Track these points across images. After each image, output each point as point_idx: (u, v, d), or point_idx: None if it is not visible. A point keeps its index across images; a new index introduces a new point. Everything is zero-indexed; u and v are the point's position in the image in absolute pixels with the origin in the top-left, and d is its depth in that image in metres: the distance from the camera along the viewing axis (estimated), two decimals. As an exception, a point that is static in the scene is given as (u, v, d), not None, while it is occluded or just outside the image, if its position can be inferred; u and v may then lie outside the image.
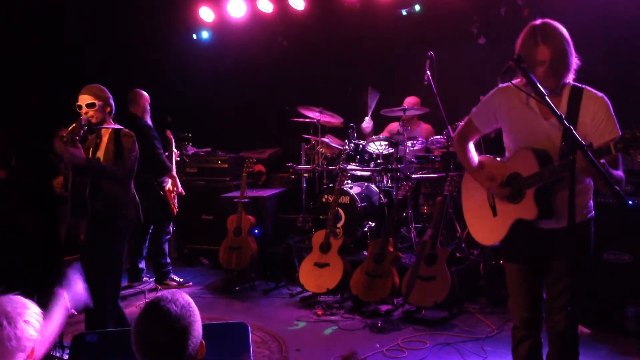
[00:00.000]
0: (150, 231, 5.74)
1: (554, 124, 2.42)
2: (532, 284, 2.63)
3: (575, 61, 2.44)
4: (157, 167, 5.55)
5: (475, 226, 2.84)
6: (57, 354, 3.58)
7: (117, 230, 3.66)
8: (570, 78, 2.48)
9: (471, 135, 2.79)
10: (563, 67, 2.42)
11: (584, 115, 2.41)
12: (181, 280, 5.75)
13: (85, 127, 3.54)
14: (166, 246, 5.80)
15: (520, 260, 2.65)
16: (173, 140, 6.11)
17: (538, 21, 2.46)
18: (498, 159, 2.75)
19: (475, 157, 2.79)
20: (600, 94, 2.47)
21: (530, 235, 2.56)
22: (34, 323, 1.64)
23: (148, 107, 5.70)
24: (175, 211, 5.78)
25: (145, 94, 5.75)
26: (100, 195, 3.58)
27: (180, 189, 5.79)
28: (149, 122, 5.65)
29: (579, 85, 2.50)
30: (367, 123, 6.56)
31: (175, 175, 5.78)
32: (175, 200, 5.78)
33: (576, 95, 2.46)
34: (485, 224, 2.74)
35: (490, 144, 3.03)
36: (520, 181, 2.53)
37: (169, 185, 5.69)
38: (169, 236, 5.88)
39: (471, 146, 2.80)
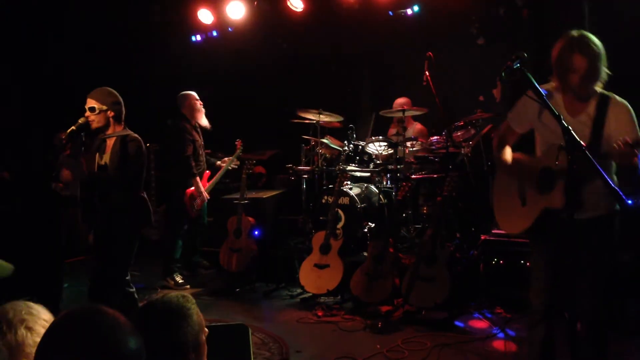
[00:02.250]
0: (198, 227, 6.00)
1: (581, 121, 2.68)
2: (553, 272, 2.79)
3: (605, 72, 2.68)
4: (182, 168, 5.67)
5: (503, 216, 3.03)
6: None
7: (122, 232, 3.82)
8: (599, 86, 2.71)
9: (509, 138, 2.98)
10: (594, 77, 2.66)
11: (610, 119, 2.66)
12: (180, 282, 5.74)
13: (69, 137, 3.70)
14: (177, 246, 5.82)
15: (544, 248, 2.81)
16: (238, 150, 6.01)
17: (575, 32, 2.69)
18: (530, 155, 2.93)
19: (510, 157, 2.97)
20: (624, 102, 2.72)
21: (556, 226, 2.67)
22: (39, 330, 1.59)
23: (197, 106, 5.88)
24: (192, 215, 5.78)
25: (191, 93, 5.91)
26: (108, 200, 3.79)
27: (204, 196, 5.72)
28: (197, 121, 5.88)
29: (606, 92, 2.73)
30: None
31: (199, 182, 5.70)
32: (198, 206, 5.74)
33: (604, 101, 2.70)
34: (514, 213, 2.92)
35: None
36: (552, 174, 2.69)
37: (191, 189, 5.69)
38: (179, 237, 5.86)
39: (508, 150, 2.98)
